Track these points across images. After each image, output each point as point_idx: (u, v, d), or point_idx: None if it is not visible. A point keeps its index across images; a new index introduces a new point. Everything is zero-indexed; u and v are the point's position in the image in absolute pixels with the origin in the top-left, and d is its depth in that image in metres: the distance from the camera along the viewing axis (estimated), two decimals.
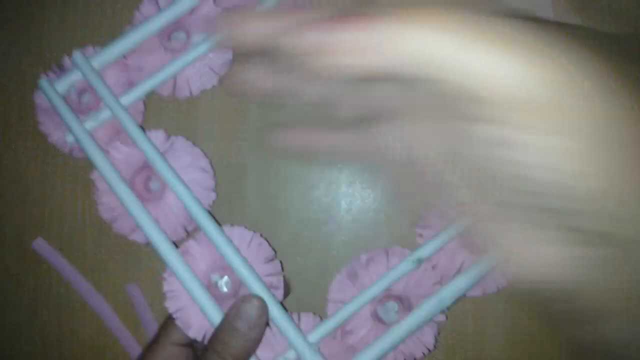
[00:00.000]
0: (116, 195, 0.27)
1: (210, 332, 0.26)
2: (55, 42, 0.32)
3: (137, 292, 0.31)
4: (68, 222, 0.32)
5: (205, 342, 0.26)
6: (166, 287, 0.26)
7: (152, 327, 0.31)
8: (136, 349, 0.31)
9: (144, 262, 0.31)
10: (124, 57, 0.30)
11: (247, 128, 0.31)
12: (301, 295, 0.29)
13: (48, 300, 0.32)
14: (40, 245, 0.32)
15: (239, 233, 0.27)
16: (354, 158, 0.19)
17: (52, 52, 0.32)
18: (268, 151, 0.30)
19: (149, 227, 0.26)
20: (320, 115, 0.19)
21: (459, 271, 0.27)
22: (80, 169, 0.32)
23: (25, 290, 0.32)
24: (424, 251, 0.26)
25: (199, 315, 0.26)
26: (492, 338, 0.30)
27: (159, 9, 0.29)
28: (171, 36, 0.30)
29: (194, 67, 0.30)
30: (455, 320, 0.29)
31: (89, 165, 0.30)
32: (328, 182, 0.31)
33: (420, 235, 0.28)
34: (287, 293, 0.28)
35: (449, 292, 0.26)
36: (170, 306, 0.26)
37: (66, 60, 0.30)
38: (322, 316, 0.27)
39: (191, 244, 0.27)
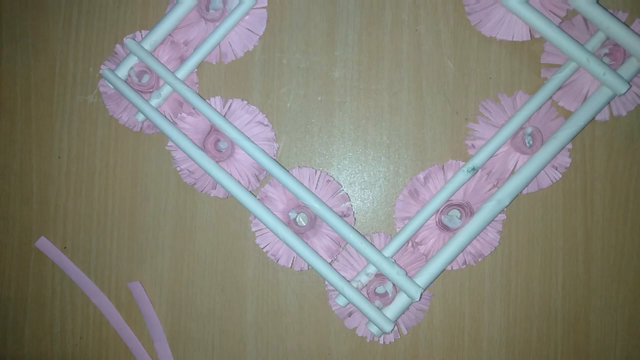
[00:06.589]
0: (193, 160, 0.30)
1: (296, 260, 0.29)
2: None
3: (140, 290, 0.32)
4: (71, 222, 0.33)
5: (294, 268, 0.29)
6: (254, 228, 0.30)
7: (154, 325, 0.32)
8: (139, 347, 0.32)
9: (147, 261, 0.32)
10: (170, 35, 0.32)
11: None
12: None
13: (52, 298, 0.33)
14: (44, 244, 0.33)
15: (307, 173, 0.30)
16: None
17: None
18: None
19: (228, 182, 0.30)
20: None
21: (512, 172, 0.29)
22: (82, 169, 0.33)
23: (29, 289, 0.33)
24: (477, 160, 0.28)
25: (284, 247, 0.30)
26: (489, 337, 0.30)
27: None
28: (209, 7, 0.32)
29: (234, 32, 0.32)
30: (453, 320, 0.30)
31: (91, 164, 0.32)
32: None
33: (472, 146, 0.29)
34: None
35: (506, 192, 0.28)
36: (260, 243, 0.30)
37: (118, 48, 0.33)
38: (392, 235, 0.30)
39: (268, 189, 0.30)
